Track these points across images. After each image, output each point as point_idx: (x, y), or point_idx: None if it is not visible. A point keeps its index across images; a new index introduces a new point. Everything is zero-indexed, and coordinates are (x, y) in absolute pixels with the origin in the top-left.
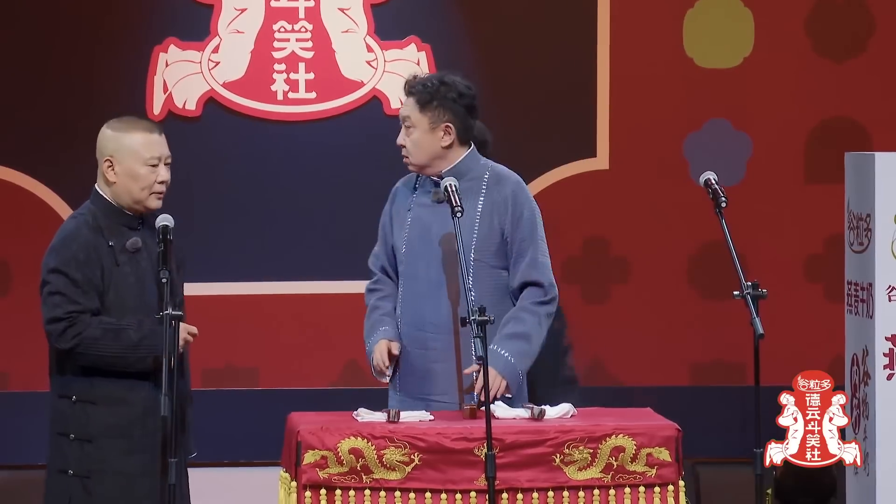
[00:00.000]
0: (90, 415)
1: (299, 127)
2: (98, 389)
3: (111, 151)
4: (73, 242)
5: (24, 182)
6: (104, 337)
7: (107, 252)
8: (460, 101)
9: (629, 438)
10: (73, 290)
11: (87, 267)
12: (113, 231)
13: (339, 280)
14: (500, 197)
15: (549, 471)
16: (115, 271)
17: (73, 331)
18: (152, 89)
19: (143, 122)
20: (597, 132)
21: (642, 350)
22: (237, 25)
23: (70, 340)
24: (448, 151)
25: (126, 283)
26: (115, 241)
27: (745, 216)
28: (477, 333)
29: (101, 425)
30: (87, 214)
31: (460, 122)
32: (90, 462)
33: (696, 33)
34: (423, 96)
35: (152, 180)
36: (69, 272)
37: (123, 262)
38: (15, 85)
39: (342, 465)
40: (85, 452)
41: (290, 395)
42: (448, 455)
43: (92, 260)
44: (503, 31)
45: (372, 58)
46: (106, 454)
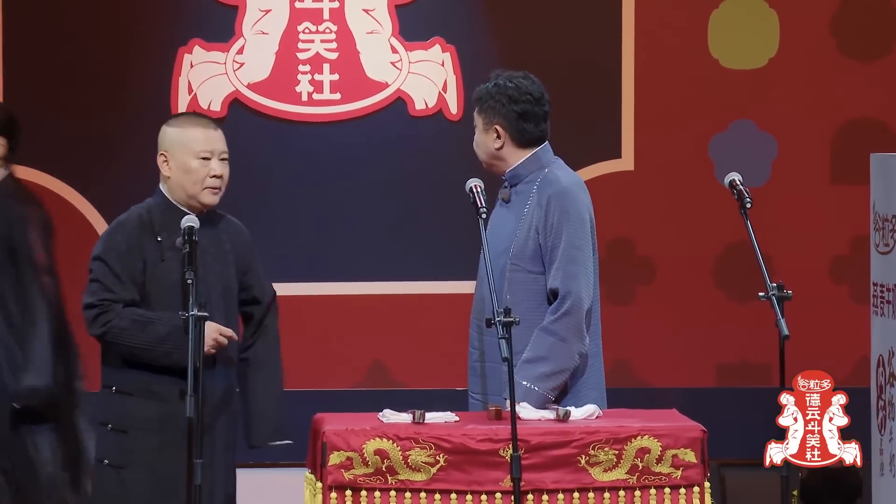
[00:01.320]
0: (126, 406)
1: (324, 128)
2: (135, 381)
3: (166, 146)
4: (119, 233)
5: (51, 184)
6: (131, 327)
7: (153, 246)
8: (510, 105)
9: (654, 440)
10: (111, 279)
11: (127, 257)
12: (167, 227)
13: (363, 281)
14: (539, 202)
15: (575, 472)
16: (159, 266)
17: (103, 318)
18: (177, 90)
19: (199, 117)
20: (622, 133)
21: (667, 351)
22: (262, 26)
23: (100, 328)
24: (503, 153)
25: (168, 279)
26: (167, 235)
27: (770, 217)
28: (502, 335)
29: (135, 417)
30: (144, 208)
31: (511, 125)
32: (124, 453)
33: (721, 34)
34: (477, 97)
35: (204, 174)
36: (109, 261)
37: (170, 257)
38: (41, 88)
39: (367, 466)
40: (119, 443)
41: (315, 397)
42: (473, 456)
43: (133, 251)
44: (527, 31)
45: (396, 59)
46: (139, 447)
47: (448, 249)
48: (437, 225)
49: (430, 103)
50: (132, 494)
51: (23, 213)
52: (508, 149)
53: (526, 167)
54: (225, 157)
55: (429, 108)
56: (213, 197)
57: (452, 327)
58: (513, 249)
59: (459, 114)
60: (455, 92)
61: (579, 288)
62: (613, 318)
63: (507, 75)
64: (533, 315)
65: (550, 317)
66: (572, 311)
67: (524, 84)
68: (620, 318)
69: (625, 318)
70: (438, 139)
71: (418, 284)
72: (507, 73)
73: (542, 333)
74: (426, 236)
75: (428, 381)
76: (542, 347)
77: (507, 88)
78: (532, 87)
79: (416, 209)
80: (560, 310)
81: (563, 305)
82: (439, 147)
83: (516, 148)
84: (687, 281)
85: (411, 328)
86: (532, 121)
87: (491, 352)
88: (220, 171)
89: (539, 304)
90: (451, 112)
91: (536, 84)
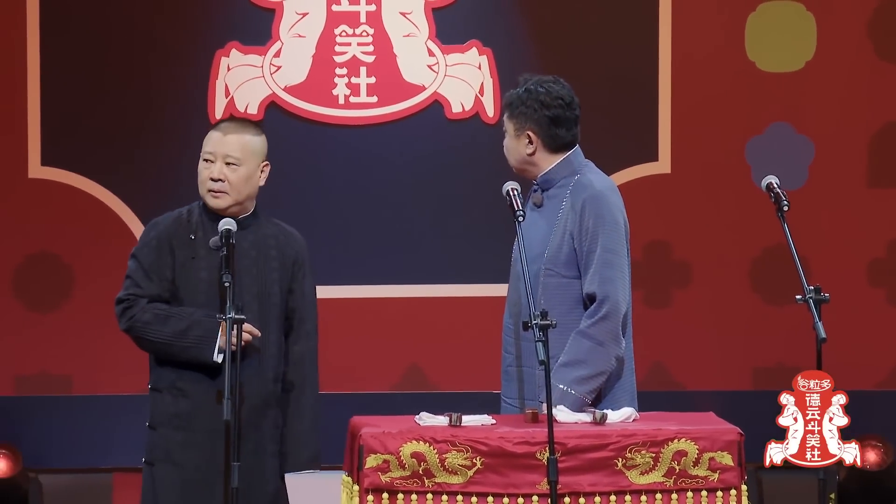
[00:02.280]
0: (157, 403)
1: (360, 131)
2: (164, 378)
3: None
4: (153, 230)
5: (88, 187)
6: (153, 321)
7: (186, 243)
8: (542, 110)
9: (691, 442)
10: (140, 275)
11: (157, 254)
12: (202, 225)
13: (401, 284)
14: (573, 206)
15: (611, 475)
16: (189, 264)
17: (129, 313)
18: (214, 94)
19: (229, 121)
20: (659, 136)
21: (704, 354)
22: (299, 29)
23: (126, 322)
24: (535, 159)
25: (197, 278)
26: (203, 235)
27: (807, 220)
28: (539, 337)
29: (164, 414)
30: (186, 208)
31: (543, 131)
32: (156, 450)
33: (758, 37)
34: (508, 102)
35: (206, 176)
36: (140, 257)
37: (202, 256)
38: (78, 90)
39: (404, 468)
40: (152, 440)
41: (351, 400)
42: (510, 459)
43: (164, 248)
44: (564, 34)
45: (433, 62)
46: (167, 443)
47: (484, 253)
48: (473, 228)
49: (467, 106)
50: (160, 491)
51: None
52: (540, 154)
53: (558, 172)
54: (231, 161)
55: (465, 112)
56: (214, 200)
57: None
58: (546, 254)
59: (496, 117)
60: (492, 95)
61: (616, 292)
62: (650, 321)
63: (538, 80)
64: (566, 319)
65: (587, 321)
66: (609, 316)
67: (555, 88)
68: (657, 322)
69: (661, 321)
70: (475, 142)
71: (454, 287)
72: (538, 77)
73: (579, 337)
74: (462, 239)
75: (463, 384)
76: (579, 351)
77: (539, 93)
78: (563, 91)
79: (452, 212)
80: (597, 314)
81: (601, 310)
82: (476, 150)
83: (548, 153)
84: (724, 284)
85: (447, 331)
86: (564, 125)
87: (526, 356)
88: (218, 174)
89: (572, 308)
90: (487, 115)
91: (567, 88)
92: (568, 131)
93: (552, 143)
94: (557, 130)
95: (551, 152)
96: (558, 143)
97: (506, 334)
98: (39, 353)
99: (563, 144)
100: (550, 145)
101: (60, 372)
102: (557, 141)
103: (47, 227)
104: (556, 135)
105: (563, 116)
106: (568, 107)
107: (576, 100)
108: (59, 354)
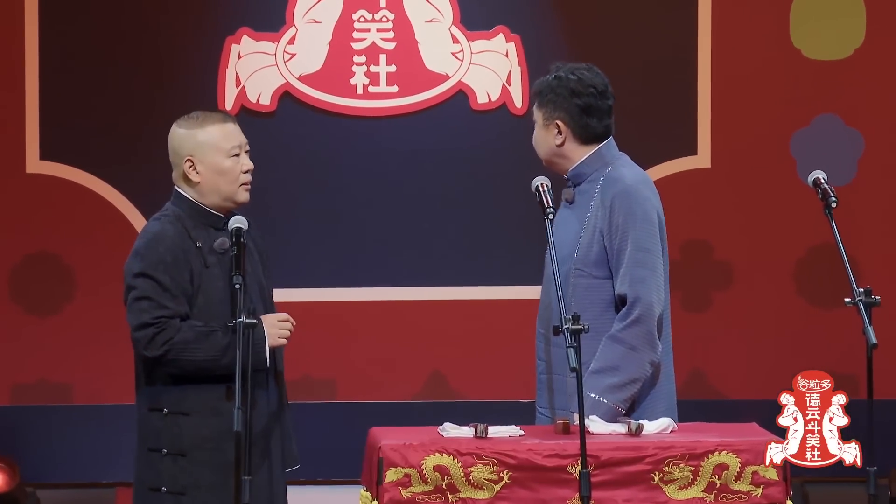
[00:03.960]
0: (182, 427)
1: (380, 123)
2: (190, 400)
3: (190, 150)
4: (160, 244)
5: (90, 182)
6: (195, 340)
7: (195, 253)
8: (572, 98)
9: (733, 455)
10: (162, 294)
11: (175, 270)
12: (199, 232)
13: (422, 286)
14: (603, 202)
15: (648, 490)
16: (205, 273)
17: (163, 336)
18: (224, 83)
19: (214, 113)
20: (698, 128)
21: (747, 361)
22: (314, 15)
23: (160, 347)
24: (565, 150)
25: (215, 286)
26: (203, 242)
27: (856, 218)
28: (570, 343)
29: (194, 437)
30: (171, 215)
31: (573, 120)
32: (184, 477)
33: (803, 23)
34: (537, 91)
35: (238, 171)
36: (156, 276)
37: (213, 263)
38: (79, 80)
39: (426, 483)
40: (179, 467)
41: (370, 409)
42: (540, 473)
43: (180, 262)
44: (597, 20)
45: (457, 49)
46: (200, 468)
47: (512, 252)
48: (500, 226)
49: (494, 97)
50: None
51: None
52: (570, 145)
53: (589, 165)
54: (248, 149)
55: (492, 102)
56: (247, 194)
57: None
58: (577, 253)
59: (524, 108)
60: (520, 84)
61: (649, 293)
62: (689, 325)
63: (569, 67)
64: (598, 323)
65: (619, 324)
66: (642, 319)
67: (587, 76)
68: (696, 326)
69: (701, 325)
70: (502, 135)
71: (480, 290)
72: (569, 65)
73: (611, 342)
74: (489, 238)
75: (490, 393)
76: (611, 357)
77: (570, 81)
78: (596, 79)
79: (478, 209)
80: (629, 317)
81: (633, 312)
82: (503, 143)
83: (578, 144)
84: (767, 286)
85: (472, 336)
86: (596, 115)
87: (558, 363)
88: (250, 165)
89: (604, 310)
90: (515, 106)
91: (600, 76)
92: (600, 121)
93: (583, 134)
94: (588, 120)
95: (582, 144)
96: (589, 135)
97: (538, 339)
98: (38, 360)
99: (595, 136)
100: (581, 136)
101: (60, 380)
102: (588, 132)
103: (47, 225)
104: (588, 125)
105: (595, 106)
106: (601, 96)
107: (610, 89)
108: (58, 361)
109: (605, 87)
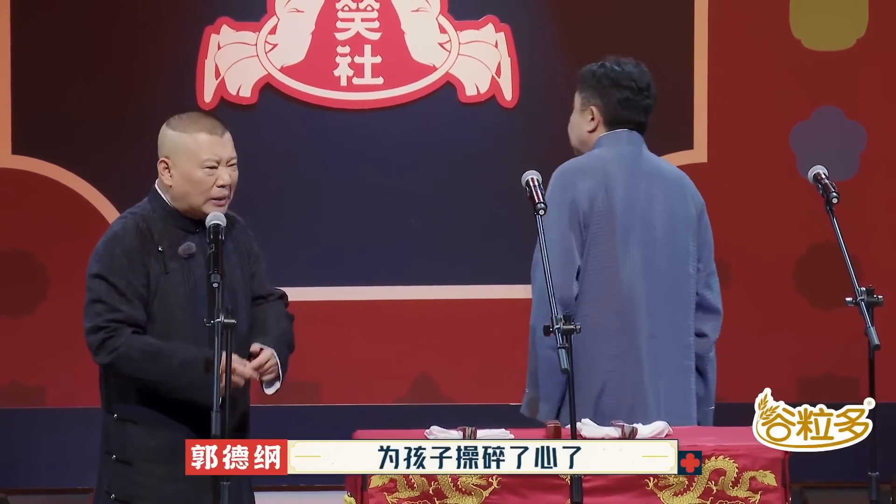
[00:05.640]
0: (130, 435)
1: (364, 116)
2: (139, 408)
3: (167, 152)
4: (117, 246)
5: (64, 177)
6: (141, 359)
7: (155, 257)
8: (611, 88)
9: (730, 460)
10: (115, 298)
11: (130, 273)
12: (166, 234)
13: (407, 285)
14: None
15: (642, 496)
16: (163, 279)
17: (111, 344)
18: (203, 75)
19: (206, 119)
20: (694, 121)
21: (744, 363)
22: (296, 4)
23: (108, 355)
24: (592, 137)
25: (175, 293)
26: (168, 245)
27: (858, 214)
28: (561, 343)
29: (141, 448)
30: (139, 214)
31: (608, 109)
32: (130, 486)
33: (804, 12)
34: (580, 76)
35: (209, 184)
36: (110, 278)
37: (174, 269)
38: (53, 71)
39: (413, 489)
40: (125, 475)
41: (354, 412)
42: (530, 478)
43: (136, 266)
44: (590, 9)
45: (445, 39)
46: (145, 479)
47: (503, 250)
48: (490, 223)
49: (483, 89)
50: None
51: None
52: (598, 133)
53: None
54: (233, 162)
55: (481, 95)
56: (217, 209)
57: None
58: None
59: (514, 100)
60: (510, 76)
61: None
62: None
63: (618, 59)
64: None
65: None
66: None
67: (632, 71)
68: None
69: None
70: (491, 128)
71: (468, 289)
72: (618, 57)
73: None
74: (479, 235)
75: (479, 396)
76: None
77: (613, 71)
78: (640, 75)
79: (467, 205)
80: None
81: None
82: (492, 137)
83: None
84: (765, 285)
85: (461, 337)
86: (630, 109)
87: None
88: (227, 180)
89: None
90: (505, 98)
91: (646, 75)
92: (634, 116)
93: (613, 124)
94: (623, 112)
95: None
96: (619, 127)
97: (605, 340)
98: (10, 362)
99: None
100: (611, 126)
101: (33, 382)
102: (619, 124)
103: (19, 222)
104: (620, 117)
105: (633, 100)
106: (639, 91)
107: (652, 88)
108: (31, 363)
109: (647, 84)
